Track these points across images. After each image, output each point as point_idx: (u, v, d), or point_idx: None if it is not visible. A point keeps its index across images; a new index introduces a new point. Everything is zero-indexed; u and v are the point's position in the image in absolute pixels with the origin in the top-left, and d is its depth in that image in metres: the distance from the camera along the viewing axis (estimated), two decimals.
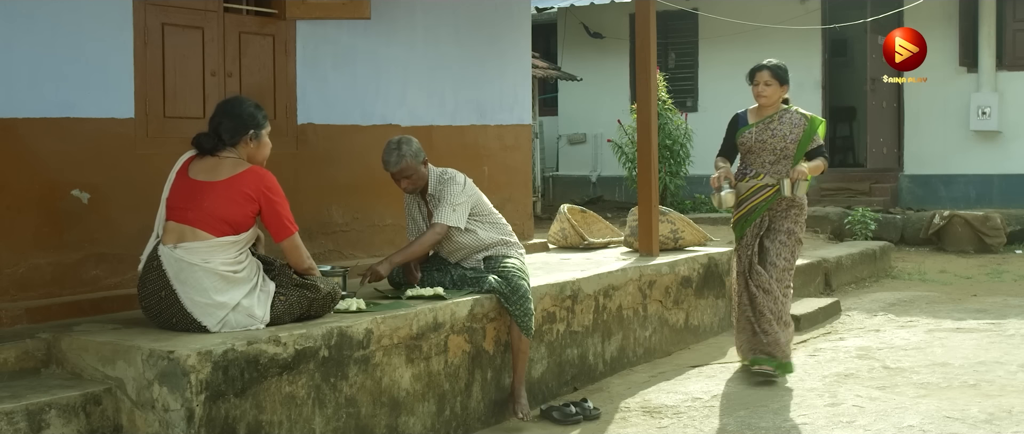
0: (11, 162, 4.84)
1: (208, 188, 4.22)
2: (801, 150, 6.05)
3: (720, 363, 6.63)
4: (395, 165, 5.21)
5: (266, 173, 4.34)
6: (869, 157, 14.92)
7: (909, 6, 13.52)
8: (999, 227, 11.98)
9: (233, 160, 4.32)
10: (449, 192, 5.28)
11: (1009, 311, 8.32)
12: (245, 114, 4.37)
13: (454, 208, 5.25)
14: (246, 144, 4.36)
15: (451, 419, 5.00)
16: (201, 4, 5.75)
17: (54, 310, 4.86)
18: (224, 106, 4.44)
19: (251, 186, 4.25)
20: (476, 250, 5.41)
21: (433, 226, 5.26)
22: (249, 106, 4.43)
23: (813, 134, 6.08)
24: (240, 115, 4.36)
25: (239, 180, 4.24)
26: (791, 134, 6.06)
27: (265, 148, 4.46)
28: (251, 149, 4.38)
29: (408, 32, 7.00)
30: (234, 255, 4.20)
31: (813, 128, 6.07)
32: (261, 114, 4.44)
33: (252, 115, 4.39)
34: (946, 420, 5.13)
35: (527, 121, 8.18)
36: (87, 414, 3.90)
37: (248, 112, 4.39)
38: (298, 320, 4.41)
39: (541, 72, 14.78)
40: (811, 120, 6.11)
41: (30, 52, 4.92)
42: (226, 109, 4.40)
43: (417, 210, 5.52)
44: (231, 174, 4.26)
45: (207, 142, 4.32)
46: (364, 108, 6.74)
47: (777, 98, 6.10)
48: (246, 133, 4.35)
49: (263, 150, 4.45)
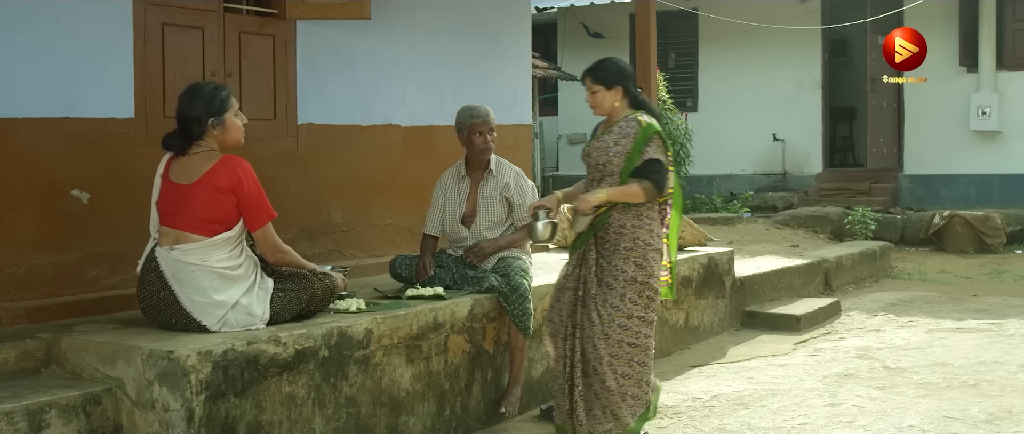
0: (11, 162, 4.84)
1: (186, 192, 4.15)
2: (629, 167, 4.70)
3: (720, 363, 6.64)
4: (484, 115, 5.38)
5: (238, 161, 4.20)
6: (869, 157, 14.94)
7: (909, 6, 13.52)
8: (999, 227, 11.98)
9: (203, 155, 4.20)
10: (530, 193, 5.45)
11: (1009, 311, 8.32)
12: (202, 102, 4.19)
13: None
14: (211, 132, 4.21)
15: (451, 419, 5.00)
16: (201, 4, 5.75)
17: (54, 310, 4.85)
18: (182, 97, 4.24)
19: (223, 179, 4.14)
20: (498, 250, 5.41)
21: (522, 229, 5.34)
22: (206, 92, 4.22)
23: (643, 146, 4.68)
24: (196, 105, 4.19)
25: (211, 176, 4.14)
26: (615, 147, 4.74)
27: (234, 130, 4.27)
28: (218, 135, 4.23)
29: (408, 32, 7.00)
30: (230, 251, 4.18)
31: (644, 138, 4.68)
32: (219, 97, 4.21)
33: (208, 102, 4.19)
34: (946, 420, 5.13)
35: (527, 121, 8.18)
36: (87, 414, 3.89)
37: (204, 100, 4.19)
38: (298, 316, 4.40)
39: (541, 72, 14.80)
40: (643, 128, 4.70)
41: (30, 52, 4.91)
42: (183, 101, 4.22)
43: (456, 192, 5.47)
44: (202, 172, 4.15)
45: (175, 143, 4.21)
46: (364, 108, 6.74)
47: (611, 104, 4.83)
48: (207, 122, 4.19)
49: (232, 133, 4.26)
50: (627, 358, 4.69)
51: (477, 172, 5.45)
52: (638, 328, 4.70)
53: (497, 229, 5.40)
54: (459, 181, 5.48)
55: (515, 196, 5.39)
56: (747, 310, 7.96)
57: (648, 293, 4.71)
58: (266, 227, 4.28)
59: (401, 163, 6.93)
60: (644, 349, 4.73)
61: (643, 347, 4.72)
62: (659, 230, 4.78)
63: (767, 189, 15.31)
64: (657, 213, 4.79)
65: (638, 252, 4.69)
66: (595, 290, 4.71)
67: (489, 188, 5.40)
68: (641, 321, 4.71)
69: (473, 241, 5.41)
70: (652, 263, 4.71)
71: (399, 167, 6.92)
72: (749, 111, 15.47)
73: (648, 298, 4.71)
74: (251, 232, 4.28)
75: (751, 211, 13.73)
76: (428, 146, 7.04)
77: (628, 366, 4.69)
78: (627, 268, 4.67)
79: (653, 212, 4.76)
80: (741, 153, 15.48)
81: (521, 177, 5.47)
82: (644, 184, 4.64)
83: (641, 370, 4.72)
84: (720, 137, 15.23)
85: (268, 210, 4.27)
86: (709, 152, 14.67)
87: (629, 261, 4.68)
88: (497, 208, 5.39)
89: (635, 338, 4.70)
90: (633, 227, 4.70)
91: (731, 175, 15.61)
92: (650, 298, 4.72)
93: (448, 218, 5.46)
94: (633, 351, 4.70)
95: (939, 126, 14.39)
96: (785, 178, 15.47)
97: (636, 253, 4.68)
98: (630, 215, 4.69)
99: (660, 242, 4.77)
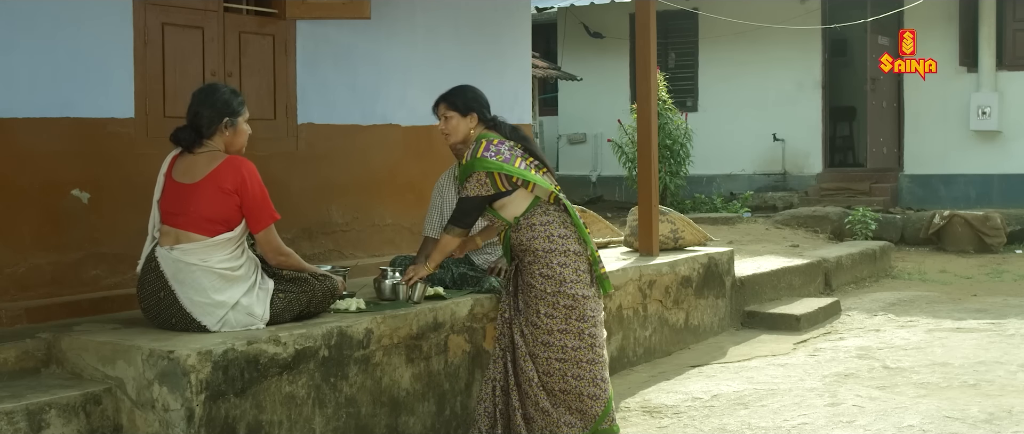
0: (11, 162, 4.84)
1: (190, 191, 4.16)
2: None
3: (720, 363, 6.64)
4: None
5: (243, 162, 4.23)
6: (869, 157, 14.94)
7: (909, 6, 13.52)
8: (999, 227, 11.98)
9: (208, 155, 4.22)
10: None
11: (1009, 311, 8.32)
12: (219, 102, 4.24)
13: None
14: (222, 133, 4.25)
15: (451, 419, 5.00)
16: (201, 4, 5.75)
17: (54, 310, 4.86)
18: (199, 95, 4.30)
19: (228, 180, 4.16)
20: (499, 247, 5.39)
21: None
22: (224, 93, 4.29)
23: (464, 183, 4.62)
24: (214, 103, 4.24)
25: (216, 176, 4.16)
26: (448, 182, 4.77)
27: (242, 135, 4.33)
28: (228, 137, 4.27)
29: (408, 32, 7.00)
30: (231, 252, 4.18)
31: (463, 176, 4.64)
32: (237, 101, 4.30)
33: (227, 102, 4.26)
34: (946, 420, 5.13)
35: (527, 121, 8.18)
36: (87, 414, 3.90)
37: (223, 99, 4.26)
38: (298, 316, 4.40)
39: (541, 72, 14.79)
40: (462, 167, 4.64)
41: (30, 52, 4.92)
42: (201, 98, 4.27)
43: (453, 193, 5.44)
44: (207, 171, 4.17)
45: (186, 137, 4.24)
46: (364, 108, 6.74)
47: (465, 131, 4.73)
48: (220, 122, 4.23)
49: (240, 138, 4.32)
50: (560, 374, 4.55)
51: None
52: (562, 342, 4.54)
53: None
54: (454, 182, 5.48)
55: None
56: (747, 310, 7.96)
57: (564, 303, 4.52)
58: (269, 229, 4.28)
59: (401, 163, 6.94)
60: (575, 362, 4.54)
61: (574, 361, 4.54)
62: (561, 231, 4.57)
63: (767, 189, 15.31)
64: (554, 216, 4.60)
65: (539, 262, 4.54)
66: (517, 312, 4.64)
67: None
68: (565, 333, 4.53)
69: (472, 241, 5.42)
70: (560, 269, 4.52)
71: (399, 167, 6.93)
72: (749, 111, 15.47)
73: (566, 308, 4.52)
74: (254, 234, 4.29)
75: (751, 211, 13.72)
76: (428, 146, 7.03)
77: (564, 381, 4.54)
78: (534, 283, 4.55)
79: (546, 216, 4.58)
80: (741, 153, 15.48)
81: None
82: (449, 231, 4.69)
83: (586, 375, 4.56)
84: (720, 137, 15.23)
85: (271, 212, 4.28)
86: (709, 152, 14.67)
87: (534, 275, 4.55)
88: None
89: (562, 354, 4.54)
90: (527, 240, 4.57)
91: (731, 175, 15.61)
92: (569, 307, 4.52)
93: (446, 219, 5.46)
94: (565, 366, 4.54)
95: (939, 126, 14.39)
96: (785, 178, 15.48)
97: (537, 264, 4.55)
98: (521, 230, 4.58)
99: (567, 243, 4.57)
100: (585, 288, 4.57)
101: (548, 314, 4.53)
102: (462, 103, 4.74)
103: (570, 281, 4.54)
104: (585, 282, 4.58)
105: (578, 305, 4.55)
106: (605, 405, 4.61)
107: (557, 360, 4.54)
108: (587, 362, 4.57)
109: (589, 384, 4.57)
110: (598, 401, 4.58)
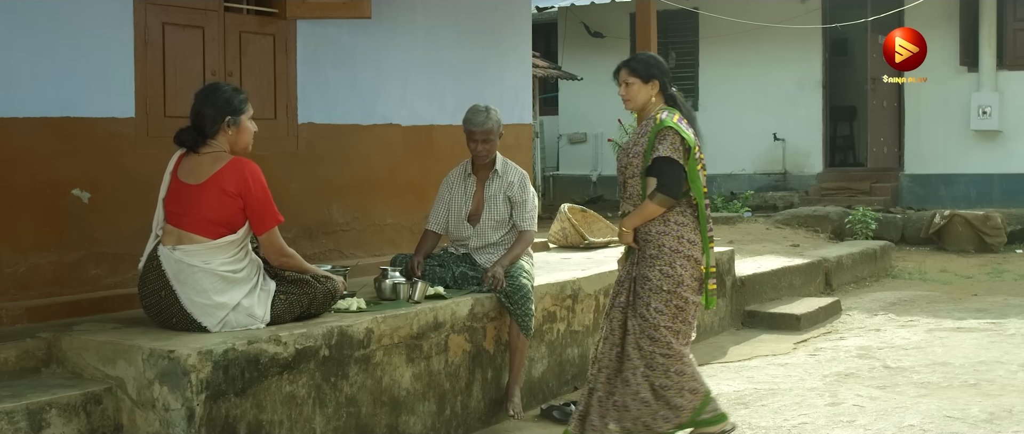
0: (11, 162, 4.84)
1: (194, 192, 4.16)
2: (644, 166, 4.57)
3: (720, 363, 6.64)
4: (482, 124, 5.30)
5: (246, 164, 4.22)
6: (869, 156, 14.94)
7: (909, 6, 13.52)
8: (999, 226, 11.98)
9: (213, 155, 4.21)
10: (531, 197, 5.44)
11: (1009, 311, 8.32)
12: (221, 101, 4.23)
13: (535, 215, 5.44)
14: (225, 132, 4.24)
15: (451, 418, 5.00)
16: (201, 3, 5.74)
17: (54, 309, 4.85)
18: (201, 95, 4.30)
19: (231, 182, 4.15)
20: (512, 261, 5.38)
21: (525, 233, 5.37)
22: (225, 92, 4.28)
23: (654, 143, 4.52)
24: (216, 102, 4.23)
25: (220, 178, 4.15)
26: (634, 147, 4.65)
27: (246, 133, 4.32)
28: (231, 136, 4.26)
29: (408, 32, 7.00)
30: (234, 254, 4.18)
31: (654, 135, 4.54)
32: (239, 99, 4.29)
33: (228, 101, 4.24)
34: (946, 419, 5.13)
35: (527, 120, 8.18)
36: (87, 413, 3.89)
37: (224, 98, 4.25)
38: (298, 318, 4.40)
39: (541, 71, 14.78)
40: (656, 125, 4.55)
41: (30, 52, 4.91)
42: (202, 98, 4.27)
43: (462, 190, 5.48)
44: (211, 173, 4.16)
45: (189, 138, 4.24)
46: (364, 107, 6.74)
47: (645, 99, 4.67)
48: (222, 121, 4.22)
49: (243, 136, 4.31)
50: (663, 369, 4.53)
51: (483, 171, 5.46)
52: (668, 339, 4.52)
53: (500, 228, 5.41)
54: (465, 179, 5.49)
55: (517, 195, 5.39)
56: (747, 309, 7.96)
57: (676, 303, 4.53)
58: (272, 231, 4.28)
59: (401, 163, 6.93)
60: (679, 358, 4.55)
61: (677, 356, 4.55)
62: (690, 236, 4.55)
63: (767, 188, 15.31)
64: (689, 217, 4.57)
65: (663, 259, 4.52)
66: (633, 299, 4.62)
67: (494, 187, 5.41)
68: (669, 331, 4.53)
69: (476, 239, 5.42)
70: (681, 270, 4.51)
71: (399, 167, 6.92)
72: (749, 110, 15.48)
73: (676, 308, 4.53)
74: (257, 236, 4.29)
75: (751, 210, 13.72)
76: (428, 146, 7.04)
77: (666, 377, 4.53)
78: (652, 276, 4.53)
79: (683, 216, 4.55)
80: (741, 152, 15.47)
81: (525, 179, 5.48)
82: (655, 195, 4.49)
83: (680, 379, 4.55)
84: (721, 136, 15.17)
85: (274, 214, 4.28)
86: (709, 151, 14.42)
87: (654, 268, 4.53)
88: (500, 207, 5.40)
89: (667, 350, 4.53)
90: (658, 233, 4.54)
91: (731, 174, 15.60)
92: (678, 308, 4.53)
93: (453, 215, 5.47)
94: (669, 362, 4.54)
95: (939, 125, 14.40)
96: (785, 177, 15.48)
97: (661, 260, 4.53)
98: (656, 220, 4.54)
99: (692, 249, 4.54)
100: (695, 295, 4.61)
101: (658, 310, 4.53)
102: (644, 70, 4.66)
103: (686, 285, 4.56)
104: (696, 288, 4.61)
105: (688, 308, 4.59)
106: (703, 398, 4.61)
107: (662, 355, 4.55)
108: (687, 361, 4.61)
109: (690, 379, 4.59)
110: (697, 395, 4.60)
